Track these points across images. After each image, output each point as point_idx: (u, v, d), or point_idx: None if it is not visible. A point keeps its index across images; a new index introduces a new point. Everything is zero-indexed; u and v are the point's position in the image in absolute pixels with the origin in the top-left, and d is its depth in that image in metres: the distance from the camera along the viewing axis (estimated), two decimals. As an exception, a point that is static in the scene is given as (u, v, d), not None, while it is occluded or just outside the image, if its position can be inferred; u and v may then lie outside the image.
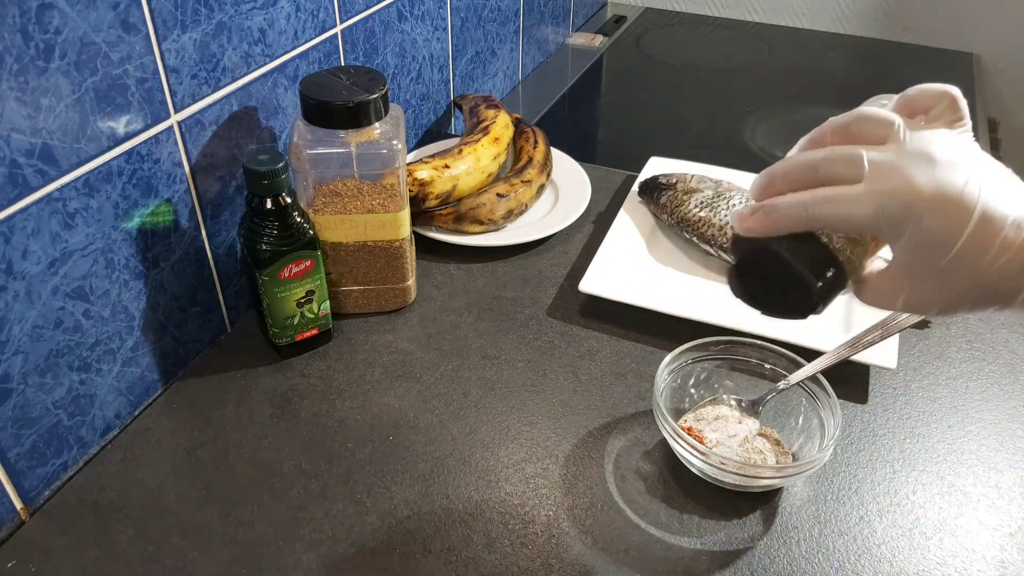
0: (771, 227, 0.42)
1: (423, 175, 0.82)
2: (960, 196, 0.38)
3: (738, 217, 0.43)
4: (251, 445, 0.63)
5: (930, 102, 0.43)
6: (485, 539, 0.56)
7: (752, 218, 0.42)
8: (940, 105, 0.42)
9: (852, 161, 0.40)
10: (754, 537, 0.57)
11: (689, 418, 0.63)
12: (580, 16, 1.52)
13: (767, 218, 0.41)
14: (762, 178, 0.43)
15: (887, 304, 0.43)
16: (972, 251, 0.38)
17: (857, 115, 0.42)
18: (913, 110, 0.43)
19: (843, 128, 0.42)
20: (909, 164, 0.38)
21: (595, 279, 0.77)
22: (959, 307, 0.41)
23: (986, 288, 0.39)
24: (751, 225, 0.42)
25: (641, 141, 1.15)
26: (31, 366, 0.55)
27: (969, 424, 0.66)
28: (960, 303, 0.40)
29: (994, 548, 0.56)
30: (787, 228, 0.41)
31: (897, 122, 0.40)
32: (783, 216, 0.41)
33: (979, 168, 0.39)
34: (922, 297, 0.41)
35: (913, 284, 0.40)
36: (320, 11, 0.75)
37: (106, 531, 0.56)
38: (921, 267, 0.39)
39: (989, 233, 0.37)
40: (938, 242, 0.38)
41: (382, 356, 0.71)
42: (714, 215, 0.80)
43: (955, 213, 0.38)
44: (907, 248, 0.39)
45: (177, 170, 0.63)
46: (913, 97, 0.43)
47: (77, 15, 0.52)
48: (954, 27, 1.46)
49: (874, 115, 0.41)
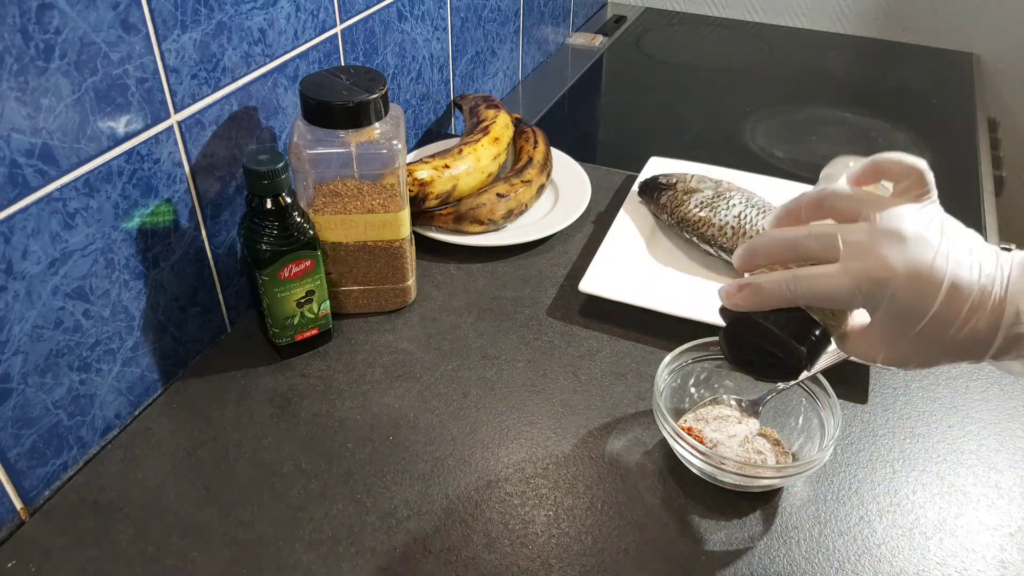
0: (758, 304, 0.45)
1: (423, 175, 0.82)
2: (930, 271, 0.41)
3: (725, 294, 0.46)
4: (251, 445, 0.63)
5: (899, 172, 0.45)
6: (485, 539, 0.56)
7: (739, 296, 0.46)
8: (908, 179, 0.45)
9: (828, 240, 0.43)
10: (754, 537, 0.57)
11: (689, 418, 0.63)
12: (580, 16, 1.52)
13: (753, 296, 0.45)
14: (744, 253, 0.47)
15: (866, 360, 0.47)
16: (943, 318, 0.41)
17: (830, 192, 0.45)
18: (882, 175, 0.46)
19: (816, 204, 0.45)
20: (881, 243, 0.42)
21: (595, 279, 0.77)
22: (934, 363, 0.44)
23: (958, 348, 0.43)
24: (739, 302, 0.46)
25: (641, 141, 1.15)
26: (31, 366, 0.55)
27: (969, 424, 0.66)
28: (935, 361, 0.44)
29: (994, 548, 0.56)
30: (772, 304, 0.45)
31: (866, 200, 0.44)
32: (768, 294, 0.45)
33: (946, 242, 0.42)
34: (899, 356, 0.44)
35: (890, 346, 0.44)
36: (320, 11, 0.75)
37: (106, 531, 0.56)
38: (895, 333, 0.43)
39: (958, 302, 0.41)
40: (911, 313, 0.42)
41: (382, 356, 0.71)
42: (714, 215, 0.80)
43: (925, 287, 0.41)
44: (883, 318, 0.43)
45: (177, 170, 0.63)
46: (883, 166, 0.46)
47: (77, 15, 0.52)
48: (954, 27, 1.46)
49: (845, 193, 0.45)
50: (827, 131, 1.19)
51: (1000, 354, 0.43)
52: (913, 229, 0.42)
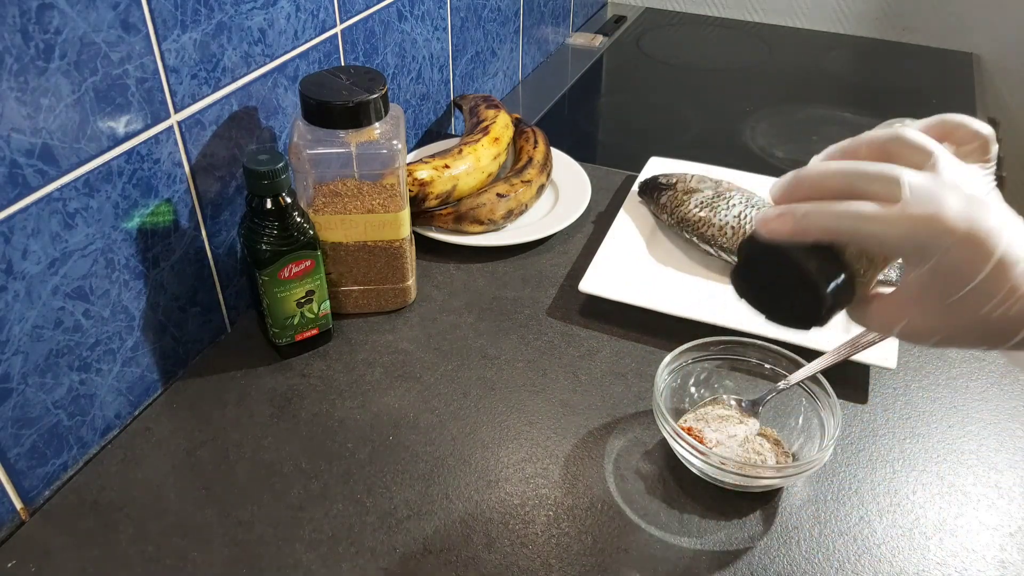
0: (798, 232, 0.41)
1: (423, 175, 0.82)
2: (986, 237, 0.39)
3: (763, 219, 0.42)
4: (251, 445, 0.63)
5: (964, 136, 0.43)
6: (485, 539, 0.56)
7: (778, 220, 0.41)
8: (973, 143, 0.43)
9: (892, 181, 0.39)
10: (754, 537, 0.57)
11: (689, 418, 0.63)
12: (580, 16, 1.52)
13: (797, 223, 0.41)
14: (789, 180, 0.42)
15: (886, 328, 0.43)
16: (983, 291, 0.39)
17: (897, 136, 0.42)
18: (946, 136, 0.43)
19: (880, 145, 0.42)
20: (945, 196, 0.39)
21: (595, 279, 0.77)
22: (956, 342, 0.42)
23: (985, 328, 0.40)
24: (777, 227, 0.41)
25: (641, 141, 1.15)
26: (31, 366, 0.55)
27: (969, 424, 0.66)
28: (958, 338, 0.41)
29: (994, 548, 0.56)
30: (814, 236, 0.41)
31: (936, 152, 0.41)
32: (813, 223, 0.41)
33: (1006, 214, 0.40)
34: (925, 326, 0.42)
35: (919, 312, 0.41)
36: (320, 11, 0.75)
37: (106, 531, 0.56)
38: (933, 297, 0.40)
39: (1002, 278, 0.39)
40: (956, 277, 0.39)
41: (382, 356, 0.71)
42: (714, 215, 0.80)
43: (977, 253, 0.39)
44: (924, 276, 0.40)
45: (177, 170, 0.63)
46: (951, 125, 0.44)
47: (77, 15, 0.52)
48: (954, 27, 1.46)
49: (915, 140, 0.41)
50: (827, 131, 1.19)
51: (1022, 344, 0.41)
52: (979, 191, 0.40)
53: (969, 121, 0.44)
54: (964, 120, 0.44)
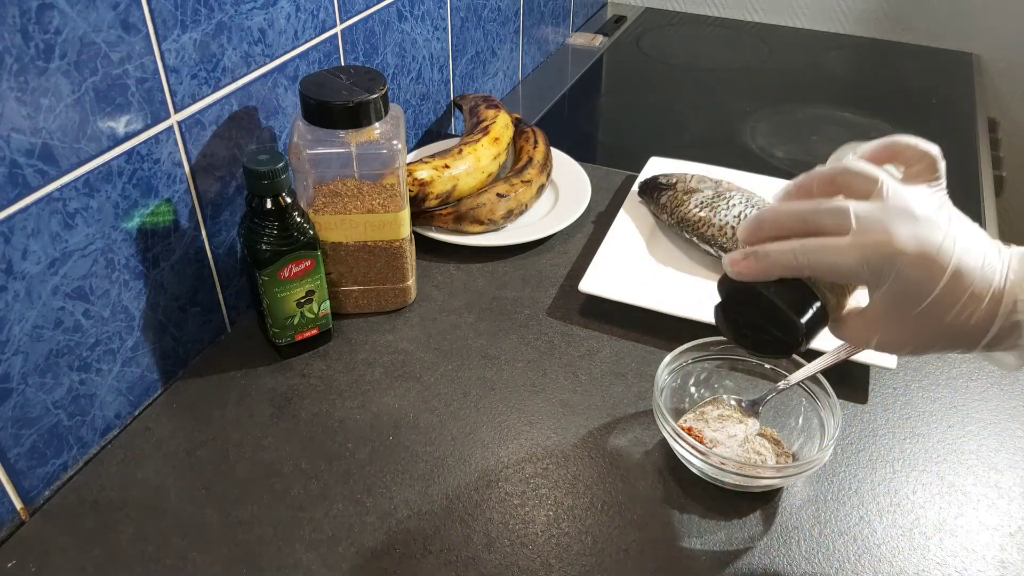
0: (762, 272, 0.45)
1: (423, 175, 0.82)
2: (937, 253, 0.41)
3: (730, 262, 0.46)
4: (251, 445, 0.63)
5: (911, 156, 0.46)
6: (485, 539, 0.56)
7: (744, 263, 0.45)
8: (921, 163, 0.46)
9: (840, 214, 0.43)
10: (754, 537, 0.57)
11: (689, 418, 0.63)
12: (580, 16, 1.52)
13: (759, 263, 0.45)
14: (751, 223, 0.46)
15: (862, 343, 0.46)
16: (944, 302, 0.42)
17: (843, 169, 0.45)
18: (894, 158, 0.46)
19: (829, 179, 0.45)
20: (892, 220, 0.42)
21: (595, 279, 0.77)
22: (928, 350, 0.45)
23: (953, 335, 0.43)
24: (742, 269, 0.45)
25: (641, 141, 1.15)
26: (31, 366, 0.55)
27: (969, 424, 0.66)
28: (929, 346, 0.44)
29: (994, 548, 0.56)
30: (777, 273, 0.44)
31: (881, 179, 0.43)
32: (774, 262, 0.44)
33: (954, 227, 0.43)
34: (895, 339, 0.45)
35: (887, 328, 0.44)
36: (320, 11, 0.75)
37: (106, 531, 0.56)
38: (896, 314, 0.43)
39: (960, 287, 0.42)
40: (914, 293, 0.42)
41: (382, 356, 0.71)
42: (714, 215, 0.80)
43: (931, 268, 0.41)
44: (885, 296, 0.43)
45: (177, 170, 0.63)
46: (899, 147, 0.46)
47: (77, 15, 0.52)
48: (954, 27, 1.46)
49: (860, 170, 0.44)
50: (827, 131, 1.19)
51: (993, 344, 0.43)
52: (924, 210, 0.42)
53: (915, 142, 0.46)
54: (909, 141, 0.46)
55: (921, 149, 0.46)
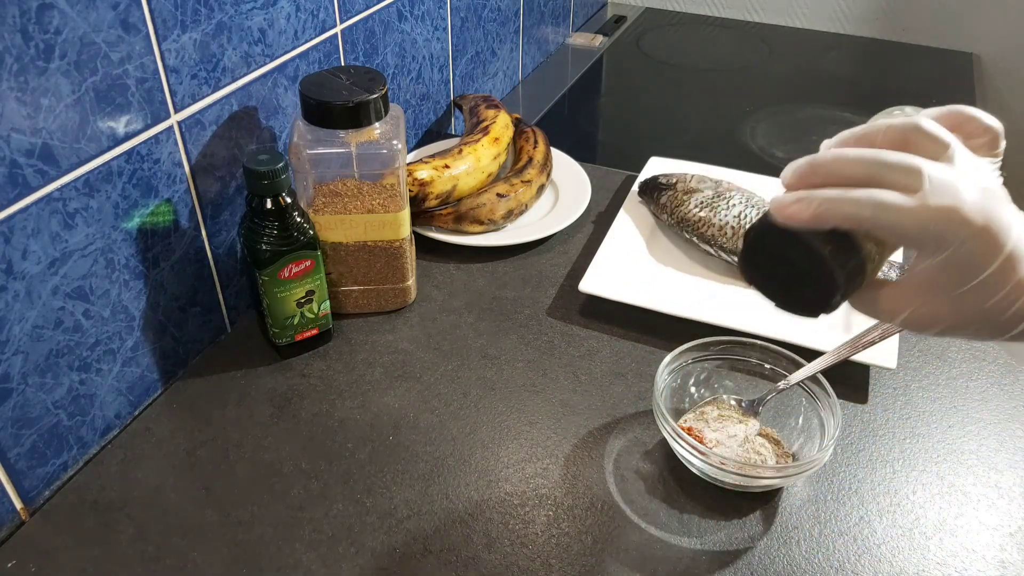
0: (818, 219, 0.41)
1: (423, 175, 0.82)
2: (999, 231, 0.39)
3: (780, 204, 0.42)
4: (251, 445, 0.63)
5: (975, 129, 0.43)
6: (485, 539, 0.56)
7: (798, 206, 0.41)
8: (984, 137, 0.43)
9: (913, 172, 0.40)
10: (754, 537, 0.57)
11: (689, 418, 0.63)
12: (580, 16, 1.52)
13: (816, 209, 0.40)
14: (803, 165, 0.42)
15: (891, 315, 0.43)
16: (992, 283, 0.39)
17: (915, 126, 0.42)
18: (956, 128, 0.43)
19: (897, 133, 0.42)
20: (964, 188, 0.39)
21: (595, 279, 0.77)
22: (958, 332, 0.42)
23: (989, 319, 0.41)
24: (795, 213, 0.41)
25: (641, 141, 1.15)
26: (31, 366, 0.55)
27: (969, 424, 0.66)
28: (961, 328, 0.42)
29: (994, 548, 0.56)
30: (833, 223, 0.41)
31: (952, 143, 0.41)
32: (833, 211, 0.40)
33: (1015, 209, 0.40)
34: (930, 315, 0.42)
35: (925, 301, 0.42)
36: (320, 11, 0.75)
37: (106, 531, 0.56)
38: (941, 288, 0.41)
39: (1010, 272, 0.39)
40: (969, 267, 0.40)
41: (382, 356, 0.71)
42: (714, 215, 0.80)
43: (991, 245, 0.39)
44: (936, 267, 0.40)
45: (177, 170, 0.63)
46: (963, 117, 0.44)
47: (77, 15, 0.52)
48: (954, 27, 1.46)
49: (932, 131, 0.41)
50: (827, 131, 1.17)
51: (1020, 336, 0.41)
52: (994, 185, 0.40)
53: (980, 114, 0.44)
54: (975, 113, 0.44)
55: (985, 123, 0.43)
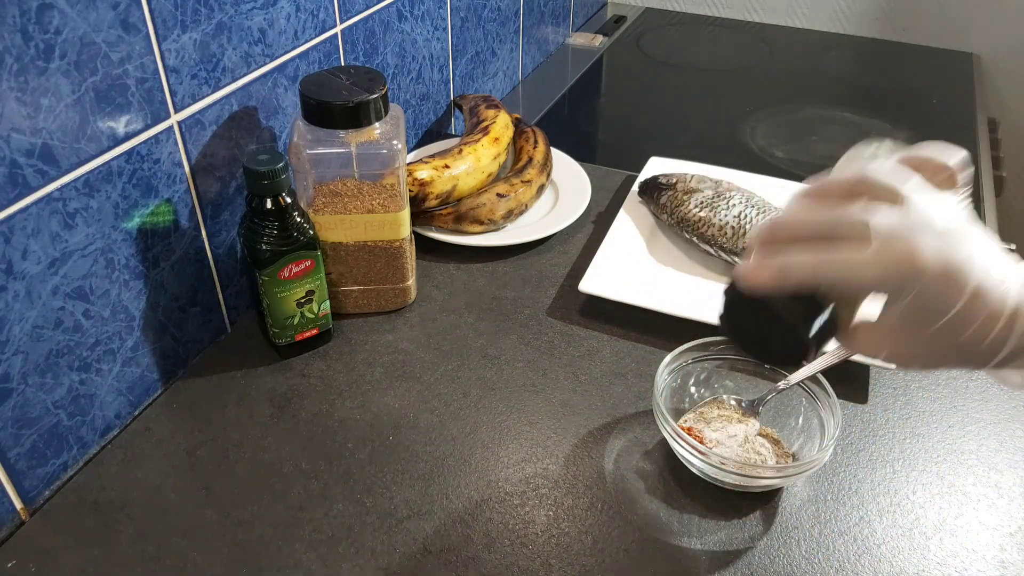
0: (777, 283, 0.43)
1: (423, 175, 0.82)
2: (959, 271, 0.40)
3: (744, 273, 0.44)
4: (251, 445, 0.63)
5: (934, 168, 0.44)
6: (485, 539, 0.56)
7: (758, 275, 0.43)
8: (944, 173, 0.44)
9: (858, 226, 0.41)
10: (754, 537, 0.57)
11: (689, 418, 0.63)
12: (580, 16, 1.52)
13: (776, 275, 0.43)
14: (765, 230, 0.44)
15: (872, 355, 0.45)
16: (961, 321, 0.40)
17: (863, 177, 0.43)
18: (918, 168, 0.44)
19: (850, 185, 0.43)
20: (916, 234, 0.40)
21: (595, 279, 0.77)
22: (939, 366, 0.44)
23: (966, 353, 0.42)
24: (756, 282, 0.43)
25: (641, 141, 1.15)
26: (31, 366, 0.55)
27: (969, 424, 0.66)
28: (940, 363, 0.44)
29: (994, 548, 0.56)
30: (793, 284, 0.43)
31: (903, 190, 0.42)
32: (792, 274, 0.42)
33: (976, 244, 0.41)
34: (906, 354, 0.44)
35: (899, 342, 0.43)
36: (320, 11, 0.75)
37: (106, 531, 0.56)
38: (911, 329, 0.42)
39: (978, 307, 0.40)
40: (933, 310, 0.41)
41: (382, 356, 0.71)
42: (714, 215, 0.80)
43: (952, 286, 0.40)
44: (902, 311, 0.42)
45: (177, 170, 0.63)
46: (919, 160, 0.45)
47: (77, 15, 0.52)
48: (954, 27, 1.46)
49: (881, 180, 0.42)
50: (827, 131, 1.19)
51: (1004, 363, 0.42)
52: (948, 224, 0.41)
53: (935, 154, 0.45)
54: (930, 153, 0.45)
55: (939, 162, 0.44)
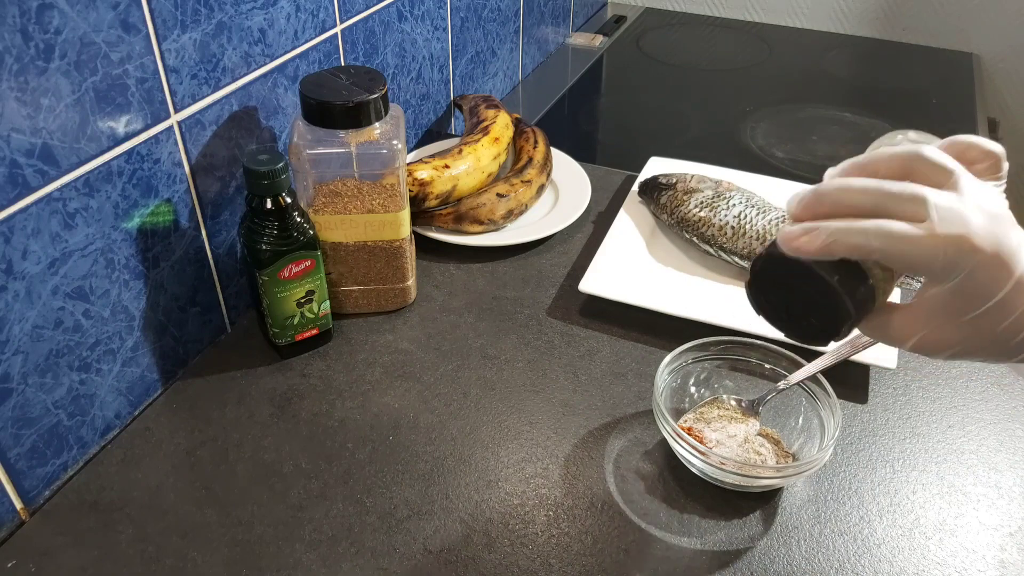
0: (825, 250, 0.41)
1: (423, 175, 0.82)
2: (1010, 256, 0.39)
3: (788, 236, 0.42)
4: (251, 445, 0.63)
5: (976, 155, 0.44)
6: (485, 539, 0.56)
7: (806, 238, 0.41)
8: (985, 162, 0.43)
9: (918, 201, 0.39)
10: (754, 537, 0.57)
11: (689, 418, 0.63)
12: (580, 16, 1.52)
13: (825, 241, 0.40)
14: (808, 195, 0.42)
15: (901, 340, 0.43)
16: (1003, 308, 0.40)
17: (917, 154, 0.42)
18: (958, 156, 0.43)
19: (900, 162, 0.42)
20: (971, 215, 0.39)
21: (595, 279, 0.77)
22: (968, 356, 0.42)
23: (999, 343, 0.41)
24: (803, 245, 0.41)
25: (641, 141, 1.15)
26: (31, 366, 0.55)
27: (969, 424, 0.66)
28: (971, 352, 0.42)
29: (994, 548, 0.56)
30: (842, 254, 0.41)
31: (956, 171, 0.41)
32: (842, 242, 0.40)
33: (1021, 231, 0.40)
34: (940, 340, 0.42)
35: (936, 327, 0.41)
36: (320, 11, 0.75)
37: (106, 531, 0.56)
38: (952, 313, 0.41)
39: (1020, 295, 0.39)
40: (979, 293, 0.40)
41: (382, 356, 0.71)
42: (714, 215, 0.80)
43: (1001, 270, 0.39)
44: (947, 293, 0.40)
45: (177, 170, 0.63)
46: (963, 145, 0.44)
47: (77, 15, 0.52)
48: (954, 27, 1.46)
49: (935, 159, 0.41)
50: (827, 131, 1.19)
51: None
52: (1002, 210, 0.40)
53: (980, 141, 0.44)
54: (975, 140, 0.44)
55: (986, 148, 0.43)
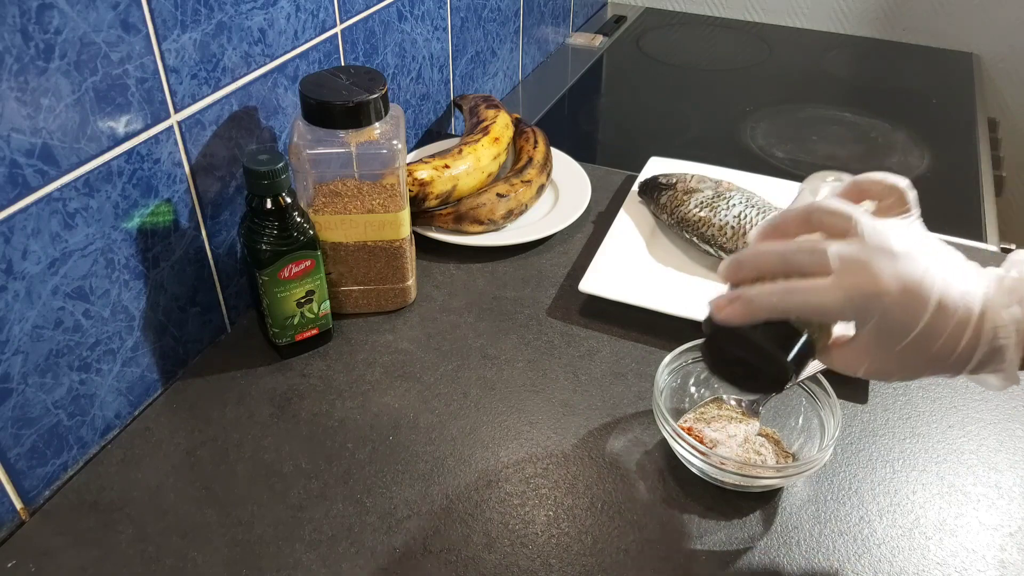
0: (747, 316, 0.45)
1: (423, 175, 0.82)
2: (919, 288, 0.42)
3: (715, 307, 0.46)
4: (251, 445, 0.63)
5: (880, 192, 0.47)
6: (485, 539, 0.56)
7: (729, 309, 0.45)
8: (890, 198, 0.46)
9: (818, 254, 0.43)
10: (754, 537, 0.57)
11: (689, 418, 0.63)
12: (580, 16, 1.52)
13: (743, 308, 0.45)
14: (731, 265, 0.47)
15: (850, 371, 0.47)
16: (929, 334, 0.42)
17: (816, 208, 0.45)
18: (862, 197, 0.47)
19: (804, 218, 0.46)
20: (873, 259, 0.42)
21: (595, 279, 0.77)
22: (916, 376, 0.46)
23: (940, 362, 0.43)
24: (727, 315, 0.45)
25: (641, 141, 1.15)
26: (31, 366, 0.55)
27: (969, 424, 0.66)
28: (917, 374, 0.45)
29: (994, 548, 0.56)
30: (762, 316, 0.45)
31: (855, 217, 0.44)
32: (760, 306, 0.44)
33: (932, 258, 0.43)
34: (883, 369, 0.45)
35: (873, 360, 0.45)
36: (320, 11, 0.75)
37: (106, 531, 0.56)
38: (883, 347, 0.44)
39: (944, 318, 0.42)
40: (899, 328, 0.42)
41: (382, 356, 0.71)
42: (714, 215, 0.80)
43: (915, 303, 0.42)
44: (871, 332, 0.43)
45: (177, 170, 0.63)
46: (863, 186, 0.47)
47: (77, 15, 0.52)
48: (954, 27, 1.46)
49: (833, 208, 0.45)
50: (827, 131, 1.19)
51: (978, 368, 0.44)
52: (903, 245, 0.42)
53: (882, 177, 0.47)
54: (876, 177, 0.47)
55: (888, 184, 0.46)
